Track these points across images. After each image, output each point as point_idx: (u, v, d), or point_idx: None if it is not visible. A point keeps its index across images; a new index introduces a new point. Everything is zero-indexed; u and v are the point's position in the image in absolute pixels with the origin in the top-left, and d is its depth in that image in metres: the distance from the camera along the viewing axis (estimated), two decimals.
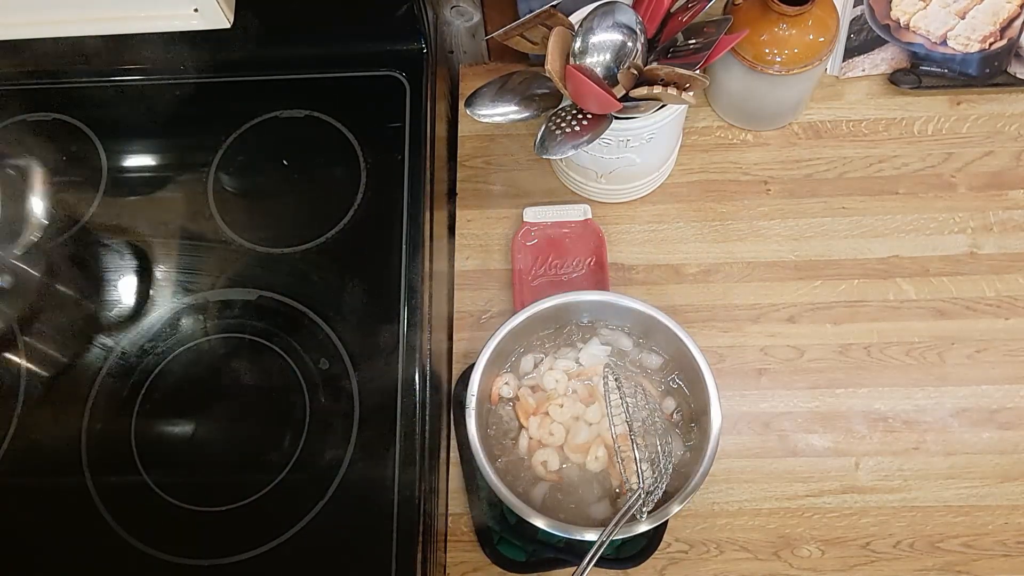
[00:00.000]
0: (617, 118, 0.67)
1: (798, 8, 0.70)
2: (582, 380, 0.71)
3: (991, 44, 0.81)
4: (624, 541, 0.69)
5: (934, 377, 0.75)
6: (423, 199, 0.75)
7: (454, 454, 0.74)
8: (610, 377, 0.65)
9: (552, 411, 0.69)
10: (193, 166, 0.80)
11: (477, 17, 0.84)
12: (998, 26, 0.80)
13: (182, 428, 0.71)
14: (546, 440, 0.69)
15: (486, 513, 0.71)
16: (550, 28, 0.66)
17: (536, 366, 0.72)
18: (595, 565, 0.69)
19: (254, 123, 0.80)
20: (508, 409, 0.71)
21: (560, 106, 0.68)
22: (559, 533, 0.64)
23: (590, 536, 0.64)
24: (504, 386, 0.70)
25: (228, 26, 0.78)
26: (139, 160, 0.82)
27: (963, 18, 0.80)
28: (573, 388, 0.71)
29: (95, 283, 0.76)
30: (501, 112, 0.68)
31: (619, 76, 0.66)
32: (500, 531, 0.71)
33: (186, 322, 0.74)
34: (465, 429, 0.67)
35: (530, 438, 0.69)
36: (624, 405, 0.63)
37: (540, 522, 0.63)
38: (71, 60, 0.82)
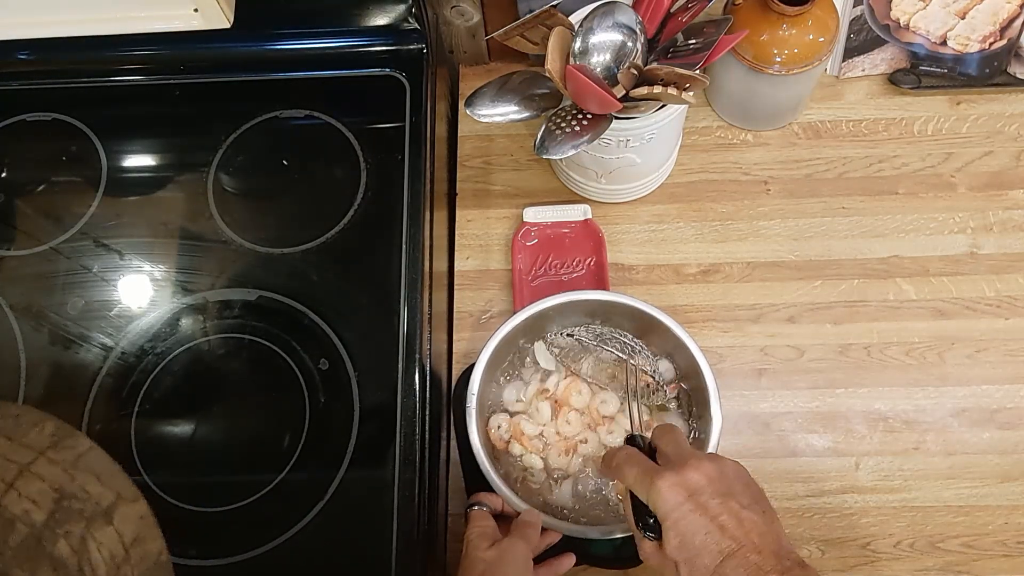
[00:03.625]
0: (617, 118, 0.67)
1: (798, 8, 0.70)
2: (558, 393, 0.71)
3: (991, 44, 0.81)
4: (624, 541, 0.69)
5: (934, 377, 0.75)
6: (423, 199, 0.75)
7: (454, 454, 0.74)
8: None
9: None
10: (193, 166, 0.80)
11: (477, 17, 0.84)
12: (998, 26, 0.80)
13: (182, 428, 0.71)
14: (571, 470, 0.69)
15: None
16: (550, 28, 0.66)
17: (519, 395, 0.72)
18: (595, 565, 0.69)
19: (254, 123, 0.80)
20: (516, 448, 0.70)
21: (560, 106, 0.68)
22: (561, 530, 0.64)
23: (590, 534, 0.64)
24: (497, 428, 0.70)
25: (228, 26, 0.79)
26: (139, 160, 0.82)
27: (963, 18, 0.80)
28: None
29: (95, 283, 0.76)
30: (501, 112, 0.68)
31: (619, 76, 0.66)
32: None
33: (186, 322, 0.74)
34: (465, 429, 0.67)
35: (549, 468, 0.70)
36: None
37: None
38: (71, 60, 0.82)
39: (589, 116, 0.66)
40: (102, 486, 0.33)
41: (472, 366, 0.69)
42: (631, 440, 0.59)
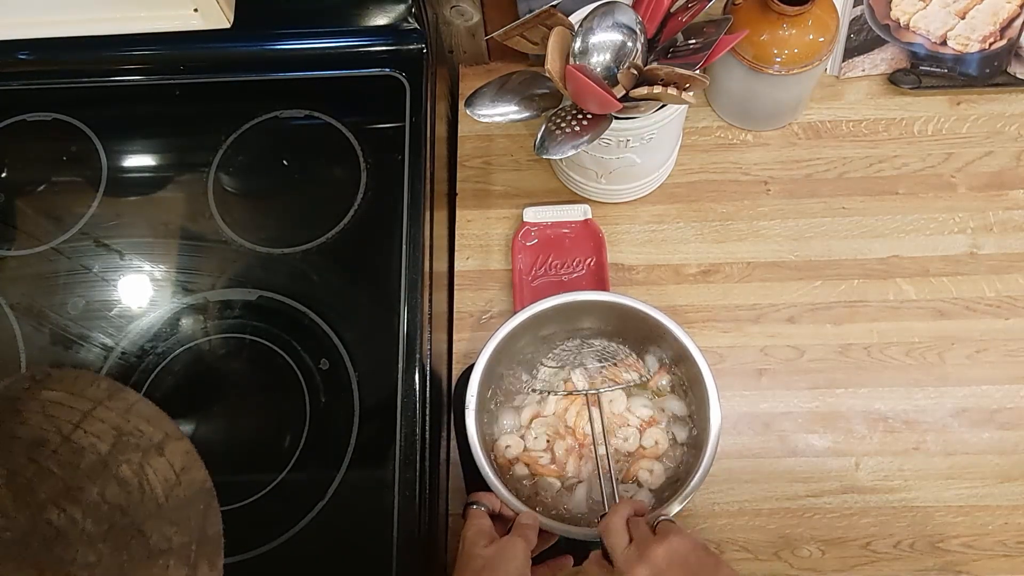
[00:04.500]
0: (617, 118, 0.67)
1: (798, 8, 0.70)
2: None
3: (991, 44, 0.81)
4: None
5: (934, 377, 0.75)
6: (423, 199, 0.75)
7: (454, 454, 0.74)
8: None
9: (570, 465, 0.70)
10: (193, 166, 0.80)
11: (477, 17, 0.84)
12: (998, 26, 0.80)
13: (182, 428, 0.71)
14: (583, 475, 0.69)
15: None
16: (550, 28, 0.66)
17: (515, 422, 0.72)
18: None
19: (254, 123, 0.80)
20: (522, 469, 0.70)
21: (560, 106, 0.68)
22: (559, 531, 0.64)
23: (590, 536, 0.64)
24: (507, 448, 0.70)
25: (228, 26, 0.79)
26: (139, 160, 0.82)
27: (963, 18, 0.80)
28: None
29: (95, 283, 0.76)
30: (501, 112, 0.68)
31: (619, 76, 0.66)
32: None
33: (186, 322, 0.74)
34: (465, 429, 0.67)
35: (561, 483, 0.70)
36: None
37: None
38: (71, 60, 0.82)
39: (589, 116, 0.66)
40: (152, 427, 0.40)
41: (472, 366, 0.69)
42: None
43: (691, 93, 0.62)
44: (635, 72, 0.65)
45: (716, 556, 0.56)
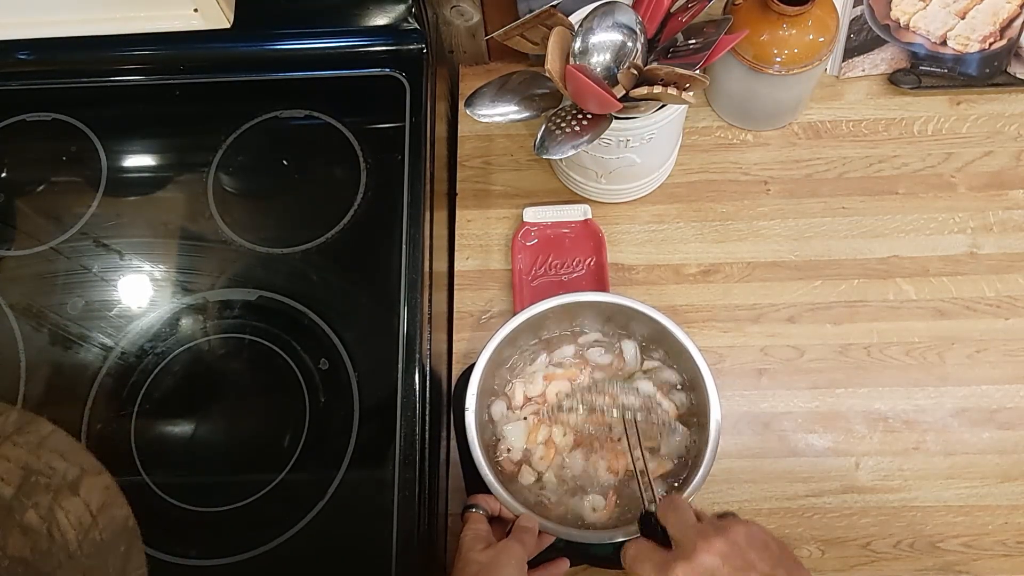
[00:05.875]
0: (617, 118, 0.67)
1: (798, 8, 0.70)
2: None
3: (991, 44, 0.81)
4: (624, 541, 0.69)
5: (934, 377, 0.75)
6: (423, 199, 0.75)
7: (454, 454, 0.74)
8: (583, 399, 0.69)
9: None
10: (193, 166, 0.80)
11: (477, 17, 0.84)
12: (998, 26, 0.80)
13: (182, 428, 0.71)
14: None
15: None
16: (550, 28, 0.66)
17: (506, 410, 0.71)
18: (595, 565, 0.69)
19: (254, 123, 0.80)
20: (529, 477, 0.70)
21: (560, 106, 0.68)
22: (558, 534, 0.64)
23: (590, 538, 0.64)
24: (507, 453, 0.70)
25: (228, 26, 0.79)
26: (139, 160, 0.82)
27: (963, 18, 0.80)
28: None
29: (95, 283, 0.76)
30: (501, 112, 0.68)
31: (619, 76, 0.66)
32: None
33: (186, 322, 0.74)
34: (465, 429, 0.67)
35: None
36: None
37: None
38: (71, 60, 0.82)
39: (589, 116, 0.66)
40: (67, 462, 0.36)
41: (472, 366, 0.69)
42: (644, 518, 0.59)
43: (691, 93, 0.62)
44: (635, 72, 0.65)
45: (797, 557, 0.54)
